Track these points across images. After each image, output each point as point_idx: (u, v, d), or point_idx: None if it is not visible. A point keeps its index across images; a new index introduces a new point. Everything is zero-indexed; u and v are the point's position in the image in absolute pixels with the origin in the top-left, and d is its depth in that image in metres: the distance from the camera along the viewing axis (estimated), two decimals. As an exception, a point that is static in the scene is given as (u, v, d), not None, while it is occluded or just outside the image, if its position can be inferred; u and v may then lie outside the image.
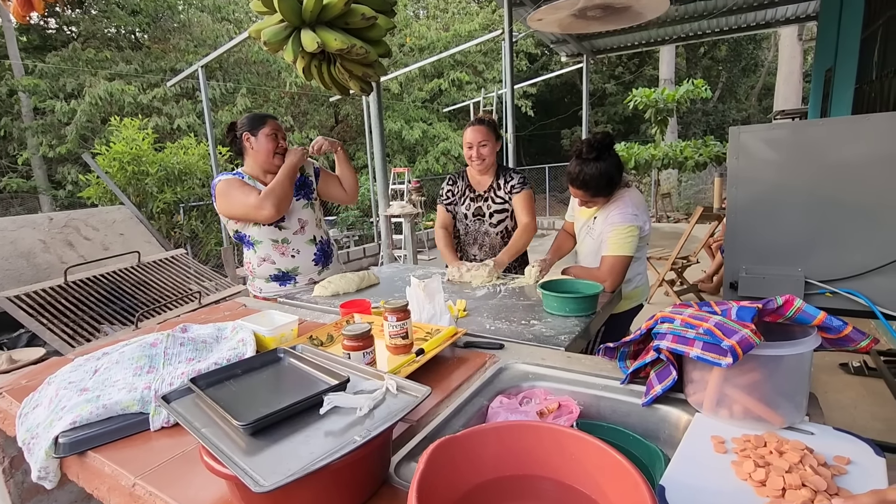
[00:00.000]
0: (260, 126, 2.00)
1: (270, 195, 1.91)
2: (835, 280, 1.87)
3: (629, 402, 1.00)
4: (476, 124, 2.18)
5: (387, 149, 13.15)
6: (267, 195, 1.91)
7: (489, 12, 14.53)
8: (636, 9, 1.28)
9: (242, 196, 1.93)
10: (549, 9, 1.29)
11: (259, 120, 2.02)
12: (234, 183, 1.97)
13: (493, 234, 2.28)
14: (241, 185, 1.97)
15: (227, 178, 1.99)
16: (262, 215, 1.92)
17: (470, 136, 2.17)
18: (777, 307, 0.84)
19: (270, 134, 2.00)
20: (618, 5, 1.23)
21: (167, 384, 1.01)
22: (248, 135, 2.00)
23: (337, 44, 1.83)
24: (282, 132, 2.06)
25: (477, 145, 2.16)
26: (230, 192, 1.95)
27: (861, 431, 2.51)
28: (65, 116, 9.82)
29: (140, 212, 6.45)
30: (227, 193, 1.95)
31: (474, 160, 2.18)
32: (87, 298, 1.76)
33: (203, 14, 12.19)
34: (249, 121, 2.03)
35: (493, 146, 2.19)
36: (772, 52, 16.62)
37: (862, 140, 1.77)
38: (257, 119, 2.02)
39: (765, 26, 7.68)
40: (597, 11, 1.26)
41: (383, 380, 0.80)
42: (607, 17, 1.30)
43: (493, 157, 2.22)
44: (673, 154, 9.60)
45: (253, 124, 2.01)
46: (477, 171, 2.24)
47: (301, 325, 1.52)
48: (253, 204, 1.90)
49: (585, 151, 1.79)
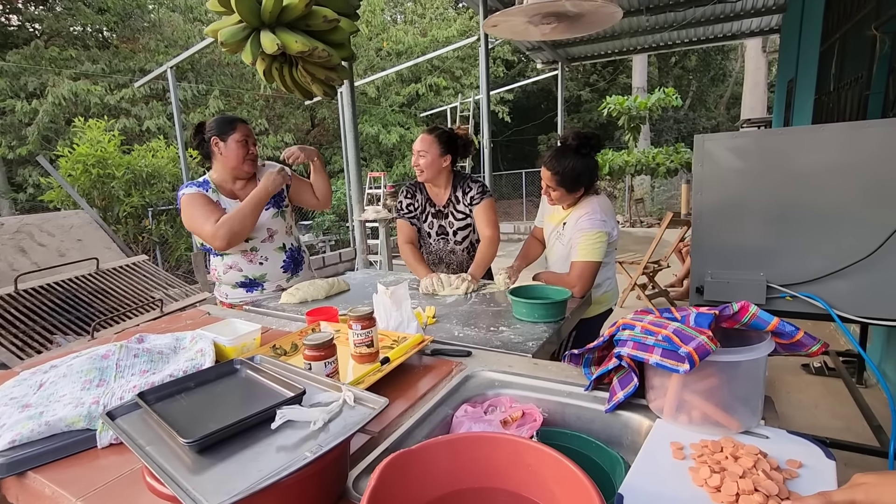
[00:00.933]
0: (229, 131, 1.91)
1: (226, 227, 1.82)
2: (795, 284, 1.92)
3: (593, 408, 1.00)
4: (425, 132, 2.09)
5: (364, 153, 13.10)
6: (223, 226, 1.82)
7: (466, 18, 14.63)
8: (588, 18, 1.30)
9: (201, 219, 1.84)
10: (502, 14, 1.29)
11: (228, 124, 1.92)
12: (197, 200, 1.88)
13: (459, 252, 2.23)
14: (203, 203, 1.88)
15: (191, 192, 1.90)
16: (215, 245, 1.85)
17: (416, 143, 2.08)
18: (733, 313, 0.86)
19: (241, 140, 1.92)
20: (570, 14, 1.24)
21: (117, 398, 0.97)
22: (216, 139, 1.92)
23: (298, 46, 1.79)
24: (252, 137, 1.97)
25: (416, 154, 2.07)
26: (191, 211, 1.86)
27: (821, 430, 2.58)
28: (26, 117, 9.44)
29: (106, 216, 6.18)
30: (188, 211, 1.87)
31: (418, 169, 2.10)
32: (40, 307, 1.68)
33: (174, 14, 11.92)
34: (218, 124, 1.93)
35: (435, 159, 2.05)
36: (739, 63, 17.18)
37: (819, 149, 1.83)
38: (226, 123, 1.93)
39: (731, 38, 7.96)
40: (550, 19, 1.27)
41: (341, 391, 0.78)
42: (561, 25, 1.31)
43: (434, 171, 2.08)
44: (646, 160, 9.82)
45: (222, 128, 1.91)
46: (419, 178, 2.15)
47: (265, 334, 1.48)
48: (208, 233, 1.81)
49: (571, 138, 1.83)
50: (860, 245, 1.79)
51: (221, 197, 1.97)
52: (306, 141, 13.90)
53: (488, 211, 2.11)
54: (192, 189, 1.92)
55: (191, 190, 1.91)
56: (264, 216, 1.99)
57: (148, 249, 7.02)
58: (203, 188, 1.94)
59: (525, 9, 1.23)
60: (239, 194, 2.00)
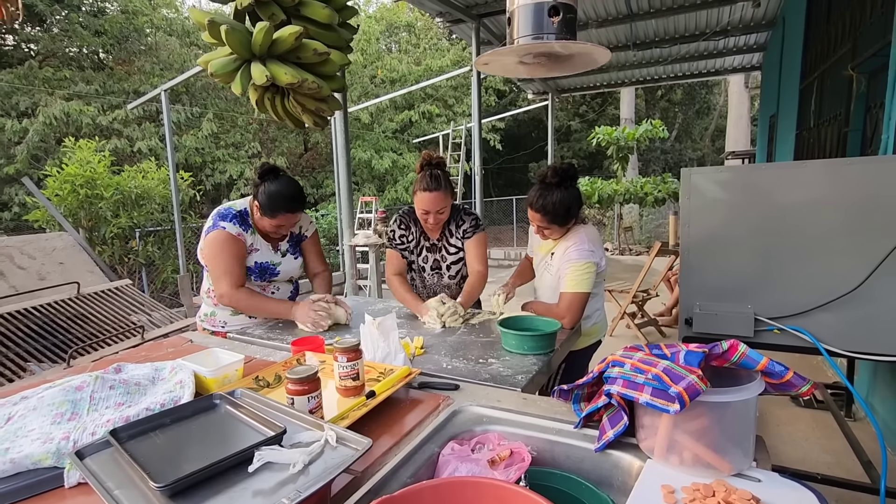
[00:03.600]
0: (270, 214, 1.79)
1: (235, 301, 1.80)
2: (782, 317, 1.93)
3: (583, 447, 0.98)
4: (433, 189, 1.89)
5: (356, 177, 13.18)
6: (233, 298, 1.79)
7: (460, 49, 15.01)
8: (577, 59, 1.33)
9: (219, 269, 1.78)
10: (493, 53, 1.32)
11: (271, 208, 1.77)
12: (227, 247, 1.79)
13: (453, 287, 2.21)
14: (232, 253, 1.79)
15: (226, 234, 1.79)
16: (217, 299, 1.83)
17: (428, 204, 1.91)
18: (722, 352, 0.85)
19: (276, 226, 1.83)
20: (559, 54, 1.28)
21: (89, 433, 0.92)
22: (258, 205, 1.81)
23: (287, 78, 1.80)
24: (288, 226, 1.87)
25: (434, 213, 1.94)
26: (215, 253, 1.79)
27: (812, 465, 2.54)
28: (16, 136, 9.40)
29: (92, 237, 6.10)
30: (212, 249, 1.79)
31: (430, 225, 2.01)
32: (14, 333, 1.62)
33: (171, 38, 12.09)
34: (268, 198, 1.77)
35: (449, 207, 2.00)
36: (723, 97, 17.74)
37: (802, 185, 1.87)
38: (272, 206, 1.77)
39: (715, 73, 8.26)
40: (539, 58, 1.30)
41: (323, 430, 0.76)
42: (552, 64, 1.34)
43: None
44: (634, 190, 9.99)
45: (266, 205, 1.78)
46: (433, 236, 2.12)
47: (249, 364, 1.44)
48: (220, 289, 1.77)
49: (550, 175, 1.82)
50: (845, 279, 1.81)
51: (257, 237, 1.90)
52: (299, 165, 13.96)
53: (480, 246, 2.09)
54: (230, 227, 1.81)
55: (228, 228, 1.80)
56: (292, 265, 2.00)
57: (134, 271, 6.91)
58: (244, 228, 1.85)
59: (515, 49, 1.26)
60: (272, 238, 1.95)
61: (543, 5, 1.20)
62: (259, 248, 1.90)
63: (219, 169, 11.47)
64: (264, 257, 1.91)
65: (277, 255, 1.95)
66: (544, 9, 1.19)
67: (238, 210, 1.87)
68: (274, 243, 1.95)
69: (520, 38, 1.24)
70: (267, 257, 1.92)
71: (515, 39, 1.25)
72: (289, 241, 2.00)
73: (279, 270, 1.95)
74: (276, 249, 1.95)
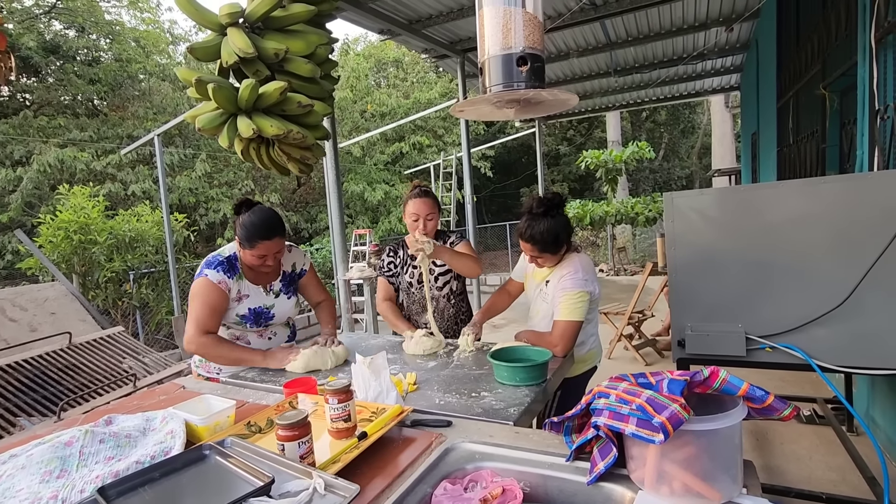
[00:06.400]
0: (249, 245, 1.77)
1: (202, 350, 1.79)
2: (773, 335, 1.94)
3: (575, 480, 0.98)
4: (422, 196, 2.13)
5: (349, 210, 13.27)
6: (201, 346, 1.78)
7: (447, 81, 15.39)
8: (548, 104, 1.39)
9: (194, 314, 1.77)
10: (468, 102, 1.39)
11: (248, 239, 1.76)
12: (209, 296, 1.78)
13: (440, 298, 2.27)
14: (212, 301, 1.78)
15: (211, 282, 1.78)
16: (183, 344, 1.82)
17: (417, 208, 2.11)
18: (704, 379, 0.86)
19: (258, 256, 1.79)
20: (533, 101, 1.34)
21: (77, 491, 0.91)
22: (240, 241, 1.80)
23: (273, 130, 1.86)
24: (273, 254, 1.81)
25: (423, 218, 2.11)
26: (190, 301, 1.80)
27: (817, 484, 2.51)
28: (10, 184, 9.47)
29: (86, 281, 6.08)
30: (195, 294, 1.79)
31: (425, 233, 2.12)
32: (4, 388, 1.61)
33: (164, 83, 12.35)
34: (245, 230, 1.75)
35: (437, 220, 2.17)
36: (706, 116, 18.18)
37: (782, 204, 1.91)
38: (250, 236, 1.75)
39: (695, 95, 8.50)
40: (512, 104, 1.36)
41: (311, 478, 0.76)
42: (523, 108, 1.40)
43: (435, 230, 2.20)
44: (625, 210, 10.10)
45: (245, 237, 1.76)
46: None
47: (241, 408, 1.44)
48: (188, 333, 1.76)
49: (535, 206, 1.87)
50: (831, 294, 1.83)
51: (244, 283, 1.88)
52: (292, 200, 14.08)
53: (468, 247, 2.25)
54: (212, 274, 1.80)
55: (210, 275, 1.80)
56: (286, 306, 1.99)
57: (128, 314, 6.87)
58: (230, 274, 1.83)
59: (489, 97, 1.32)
60: (262, 277, 1.92)
61: (512, 56, 1.26)
62: (249, 294, 1.89)
63: (212, 208, 11.54)
64: (256, 302, 1.90)
65: (270, 297, 1.95)
66: (513, 59, 1.26)
67: (226, 256, 1.86)
68: (265, 285, 1.93)
69: (492, 86, 1.30)
70: (259, 301, 1.91)
71: (488, 88, 1.31)
72: (281, 281, 1.99)
73: (273, 313, 1.95)
74: (269, 290, 1.94)
